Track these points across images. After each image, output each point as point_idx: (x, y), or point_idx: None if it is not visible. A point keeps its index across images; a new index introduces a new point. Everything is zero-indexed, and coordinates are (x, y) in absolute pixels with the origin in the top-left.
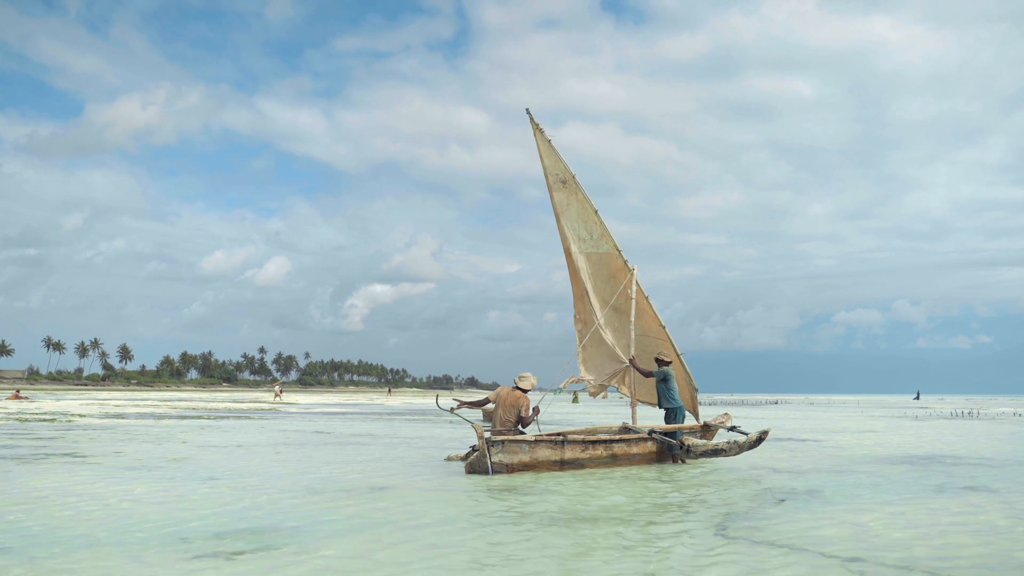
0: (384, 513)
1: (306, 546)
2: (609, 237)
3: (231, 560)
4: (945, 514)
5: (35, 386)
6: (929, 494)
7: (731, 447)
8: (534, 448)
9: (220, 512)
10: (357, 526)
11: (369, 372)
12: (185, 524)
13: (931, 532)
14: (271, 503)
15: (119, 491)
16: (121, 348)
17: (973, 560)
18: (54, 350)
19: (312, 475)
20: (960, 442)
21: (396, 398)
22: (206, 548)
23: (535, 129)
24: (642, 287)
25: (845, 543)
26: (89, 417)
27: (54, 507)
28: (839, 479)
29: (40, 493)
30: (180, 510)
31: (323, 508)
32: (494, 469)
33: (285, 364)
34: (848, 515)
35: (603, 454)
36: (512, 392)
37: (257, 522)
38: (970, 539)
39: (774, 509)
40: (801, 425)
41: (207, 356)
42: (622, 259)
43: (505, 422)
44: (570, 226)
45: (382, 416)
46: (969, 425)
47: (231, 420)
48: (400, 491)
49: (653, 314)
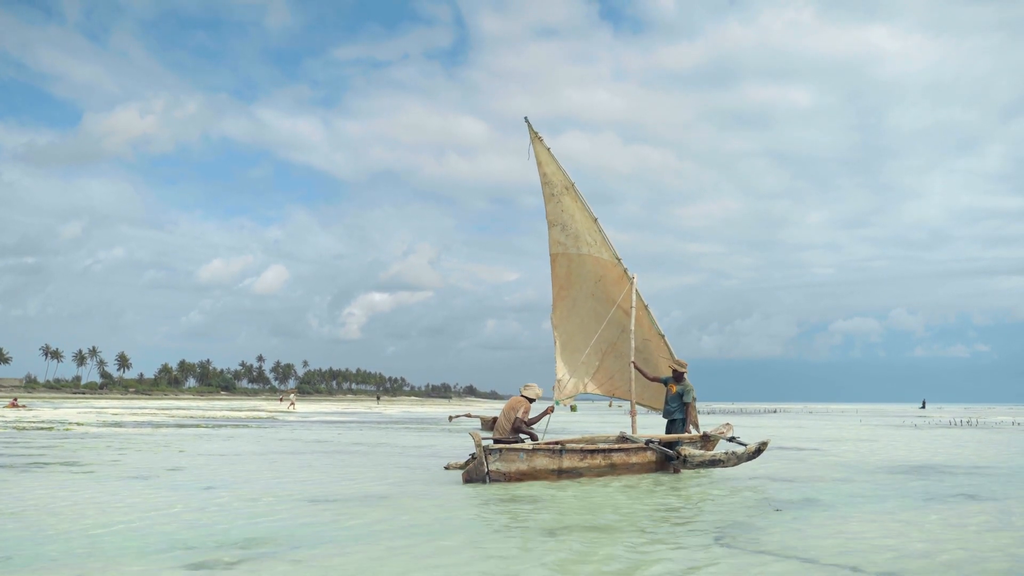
0: (381, 522)
1: (304, 555)
2: (609, 246)
3: (229, 569)
4: (942, 524)
5: (33, 394)
6: (927, 504)
7: (729, 458)
8: (532, 457)
9: (218, 521)
10: (355, 535)
11: (367, 380)
12: (183, 533)
13: (929, 542)
14: (269, 512)
15: (117, 500)
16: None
17: (970, 570)
18: (52, 358)
19: (310, 484)
20: (959, 451)
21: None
22: (204, 557)
23: (534, 137)
24: (642, 296)
25: (842, 553)
26: (87, 426)
27: (52, 516)
28: (838, 488)
29: (38, 502)
30: (178, 519)
31: (321, 517)
32: (491, 478)
33: (283, 372)
34: (846, 525)
35: (601, 463)
36: (515, 399)
37: (255, 531)
38: (967, 549)
39: (772, 518)
40: (799, 434)
41: (205, 364)
42: (622, 267)
43: (503, 428)
44: (568, 232)
45: (380, 425)
46: (968, 434)
47: (229, 429)
48: (398, 500)
49: (649, 323)
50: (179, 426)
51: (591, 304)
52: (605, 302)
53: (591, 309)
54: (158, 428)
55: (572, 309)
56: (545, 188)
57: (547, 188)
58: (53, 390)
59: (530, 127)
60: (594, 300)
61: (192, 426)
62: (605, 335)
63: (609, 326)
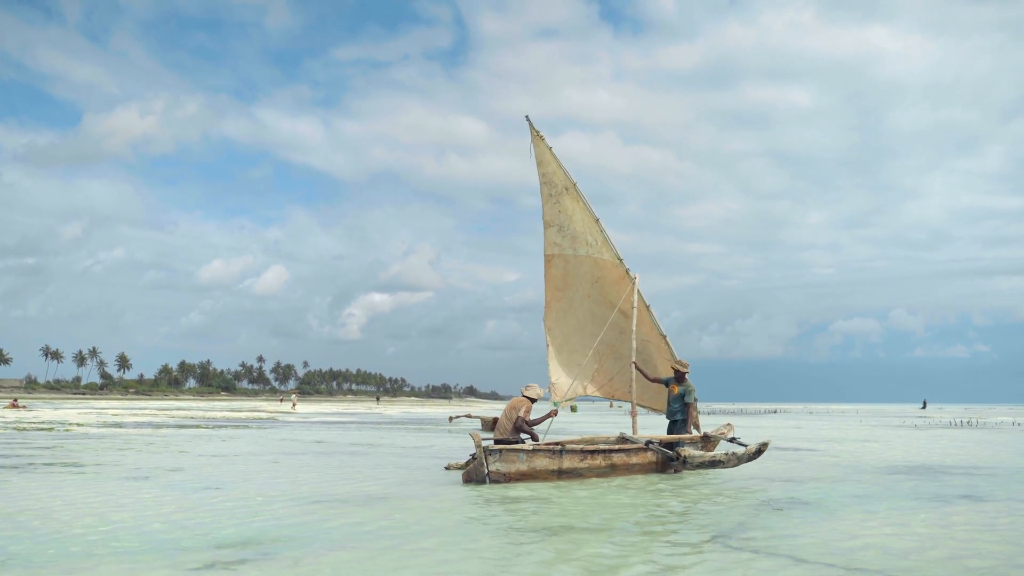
0: (381, 523)
1: (304, 556)
2: (610, 246)
3: (229, 570)
4: (941, 524)
5: (33, 395)
6: (926, 504)
7: (729, 459)
8: (532, 457)
9: (218, 522)
10: (354, 536)
11: (368, 381)
12: (183, 534)
13: (928, 542)
14: (269, 513)
15: (117, 500)
16: (119, 357)
17: (969, 570)
18: (52, 359)
19: (310, 485)
20: (960, 452)
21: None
22: (204, 558)
23: (535, 136)
24: (643, 296)
25: (841, 553)
26: (87, 426)
27: (52, 517)
28: (837, 489)
29: (38, 503)
30: (178, 519)
31: (321, 518)
32: (491, 478)
33: (283, 373)
34: (845, 525)
35: (602, 464)
36: (516, 399)
37: (255, 532)
38: (966, 548)
39: (771, 519)
40: (799, 435)
41: (205, 365)
42: (623, 268)
43: (504, 428)
44: (565, 233)
45: (381, 425)
46: (969, 434)
47: (229, 429)
48: (397, 500)
49: (651, 324)
50: (179, 427)
51: (588, 305)
52: (602, 304)
53: (588, 311)
54: (158, 429)
55: (568, 311)
56: (544, 188)
57: (545, 188)
58: (53, 391)
59: (531, 126)
60: (591, 302)
61: (192, 427)
62: (603, 337)
63: (608, 328)
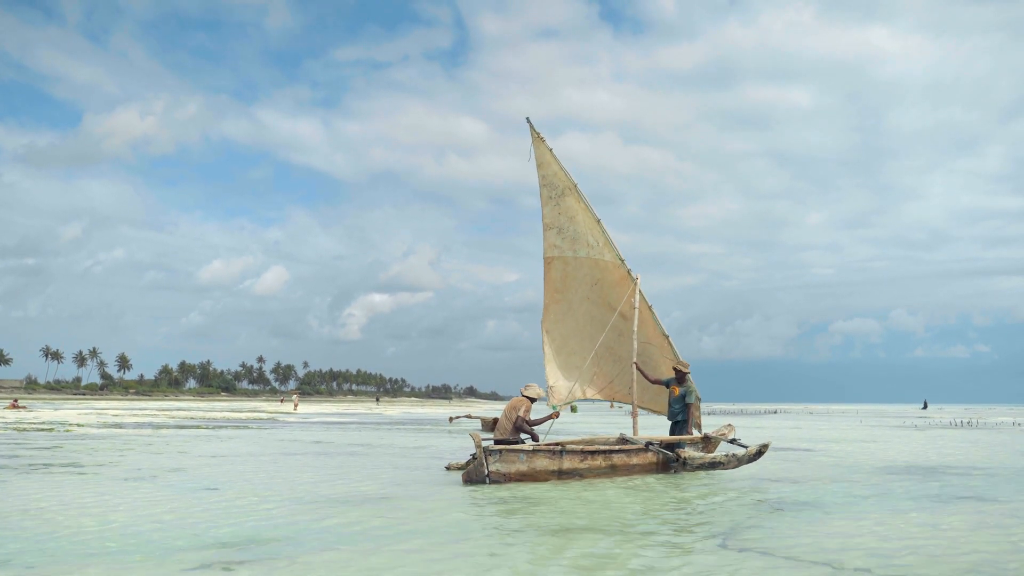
0: (381, 523)
1: (302, 556)
2: (612, 247)
3: (228, 570)
4: (941, 525)
5: (33, 395)
6: (927, 504)
7: (730, 460)
8: (532, 458)
9: (217, 522)
10: (353, 536)
11: (368, 381)
12: (182, 534)
13: (927, 542)
14: (269, 513)
15: (116, 501)
16: (119, 357)
17: (968, 570)
18: (52, 359)
19: (309, 485)
20: (959, 452)
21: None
22: (203, 558)
23: (535, 138)
24: (645, 296)
25: (840, 553)
26: (87, 427)
27: (51, 517)
28: (837, 489)
29: (37, 503)
30: (178, 520)
31: (319, 518)
32: (491, 478)
33: (283, 373)
34: (844, 525)
35: (602, 464)
36: (516, 399)
37: (254, 532)
38: (964, 548)
39: (770, 519)
40: (799, 435)
41: (205, 365)
42: (625, 269)
43: (504, 428)
44: (565, 235)
45: (381, 426)
46: (969, 435)
47: (229, 430)
48: (397, 501)
49: (654, 324)
50: (179, 427)
51: (587, 307)
52: (602, 305)
53: (587, 313)
54: (158, 429)
55: (567, 313)
56: (543, 190)
57: (545, 190)
58: (53, 391)
59: (532, 128)
60: (590, 303)
61: (192, 427)
62: (603, 339)
63: (607, 330)
